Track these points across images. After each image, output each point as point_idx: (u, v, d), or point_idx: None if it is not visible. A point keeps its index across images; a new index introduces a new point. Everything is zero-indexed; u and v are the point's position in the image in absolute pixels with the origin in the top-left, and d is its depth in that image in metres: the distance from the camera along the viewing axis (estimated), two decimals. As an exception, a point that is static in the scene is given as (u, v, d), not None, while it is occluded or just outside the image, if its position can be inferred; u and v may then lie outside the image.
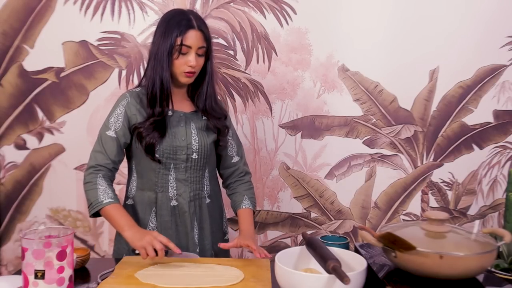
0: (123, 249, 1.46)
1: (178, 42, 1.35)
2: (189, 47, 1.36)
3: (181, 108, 1.46)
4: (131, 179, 1.49)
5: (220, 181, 1.61)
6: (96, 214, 1.37)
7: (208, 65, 1.44)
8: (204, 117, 1.48)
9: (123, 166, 2.09)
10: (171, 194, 1.44)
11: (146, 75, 1.43)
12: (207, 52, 1.41)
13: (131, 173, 1.49)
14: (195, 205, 1.47)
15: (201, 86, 1.46)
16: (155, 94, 1.39)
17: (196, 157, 1.44)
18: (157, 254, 1.22)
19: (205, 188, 1.50)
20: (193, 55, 1.36)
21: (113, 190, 1.38)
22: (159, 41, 1.38)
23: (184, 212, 1.44)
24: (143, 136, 1.38)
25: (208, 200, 1.50)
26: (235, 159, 1.56)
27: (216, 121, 1.48)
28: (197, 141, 1.44)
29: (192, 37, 1.35)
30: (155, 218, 1.45)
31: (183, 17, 1.37)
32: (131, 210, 1.46)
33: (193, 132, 1.45)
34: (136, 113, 1.41)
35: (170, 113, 1.43)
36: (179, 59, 1.37)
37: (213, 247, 1.50)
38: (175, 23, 1.36)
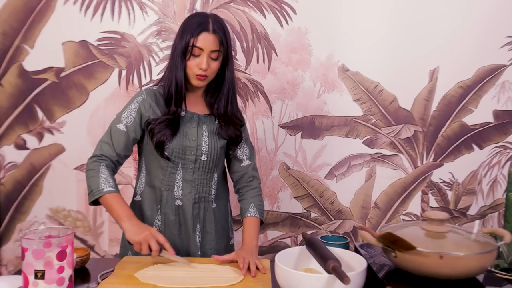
0: (130, 245, 1.45)
1: (191, 43, 1.35)
2: (201, 49, 1.35)
3: (195, 109, 1.46)
4: (140, 175, 1.49)
5: (231, 185, 1.60)
6: (96, 203, 1.36)
7: (226, 71, 1.43)
8: (216, 121, 1.47)
9: (123, 167, 2.12)
10: (176, 193, 1.44)
11: (164, 74, 1.44)
12: (225, 58, 1.40)
13: (140, 169, 1.50)
14: (199, 208, 1.47)
15: (221, 92, 1.45)
16: (171, 94, 1.40)
17: (205, 159, 1.44)
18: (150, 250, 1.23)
19: (213, 192, 1.49)
20: (205, 58, 1.35)
21: (115, 180, 1.37)
22: (177, 42, 1.39)
23: (187, 213, 1.44)
24: (154, 132, 1.39)
25: (214, 205, 1.50)
26: (245, 162, 1.54)
27: (231, 129, 1.47)
28: (207, 143, 1.44)
29: (204, 40, 1.35)
30: (160, 216, 1.45)
31: (201, 19, 1.37)
32: (139, 206, 1.47)
33: (204, 134, 1.44)
34: (150, 110, 1.42)
35: (183, 113, 1.43)
36: (191, 60, 1.37)
37: (218, 252, 1.49)
38: (191, 25, 1.36)
